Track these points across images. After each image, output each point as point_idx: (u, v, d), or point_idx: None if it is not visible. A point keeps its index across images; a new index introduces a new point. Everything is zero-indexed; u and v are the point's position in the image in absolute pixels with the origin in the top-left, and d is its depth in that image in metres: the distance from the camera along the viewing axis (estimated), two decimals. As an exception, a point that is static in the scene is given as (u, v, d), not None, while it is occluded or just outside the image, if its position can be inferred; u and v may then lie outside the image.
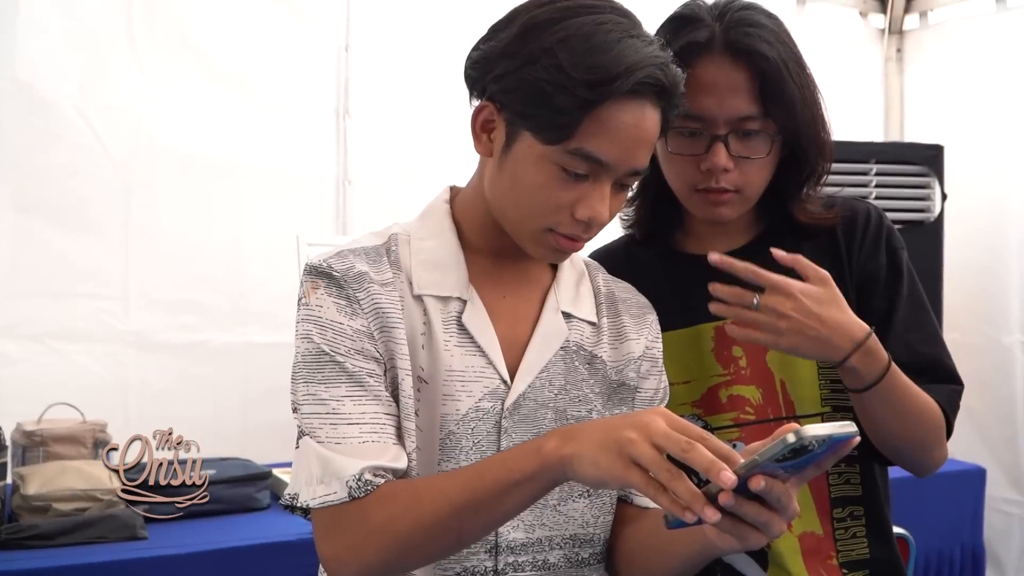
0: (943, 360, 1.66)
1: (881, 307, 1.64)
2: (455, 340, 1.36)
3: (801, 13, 4.46)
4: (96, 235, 3.10)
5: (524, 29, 1.27)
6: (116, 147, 3.12)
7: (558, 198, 1.29)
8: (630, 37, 1.25)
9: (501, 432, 1.36)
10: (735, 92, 1.52)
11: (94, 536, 2.38)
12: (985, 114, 4.33)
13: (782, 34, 1.57)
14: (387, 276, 1.35)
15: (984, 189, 4.27)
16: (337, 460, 1.27)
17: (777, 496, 1.09)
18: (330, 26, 3.48)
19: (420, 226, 1.43)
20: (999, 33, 4.31)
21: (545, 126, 1.26)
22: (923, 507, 3.34)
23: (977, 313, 4.29)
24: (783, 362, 1.63)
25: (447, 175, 3.50)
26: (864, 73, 4.67)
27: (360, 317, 1.32)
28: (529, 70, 1.25)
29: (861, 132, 4.40)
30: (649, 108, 1.27)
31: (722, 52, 1.52)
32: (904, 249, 1.69)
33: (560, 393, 1.41)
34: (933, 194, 3.95)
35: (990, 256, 4.27)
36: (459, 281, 1.38)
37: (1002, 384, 4.22)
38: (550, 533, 1.39)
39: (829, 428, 1.05)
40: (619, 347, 1.49)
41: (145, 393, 3.10)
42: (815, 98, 1.60)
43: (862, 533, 1.67)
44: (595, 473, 1.13)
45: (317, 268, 1.35)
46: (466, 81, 1.37)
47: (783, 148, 1.60)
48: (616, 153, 1.27)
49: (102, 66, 3.12)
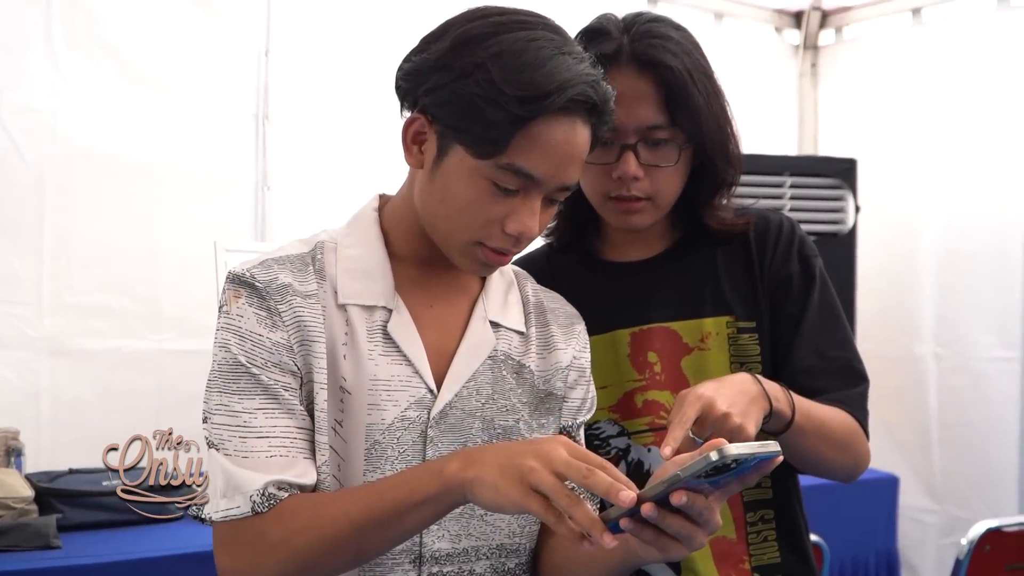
0: (852, 363, 1.72)
1: (793, 312, 1.70)
2: (380, 349, 1.36)
3: (718, 28, 4.54)
4: (9, 238, 3.06)
5: (457, 42, 1.29)
6: (30, 149, 3.09)
7: (489, 212, 1.31)
8: (562, 54, 1.27)
9: (427, 441, 1.36)
10: (642, 102, 1.57)
11: (6, 545, 2.37)
12: (898, 129, 4.43)
13: (689, 45, 1.62)
14: (311, 287, 1.35)
15: (897, 202, 4.37)
16: (241, 474, 1.27)
17: (699, 510, 1.12)
18: (250, 30, 3.47)
19: (347, 234, 1.43)
20: (914, 49, 4.42)
21: (477, 141, 1.27)
22: (837, 514, 3.40)
23: (890, 324, 4.37)
24: (698, 368, 1.67)
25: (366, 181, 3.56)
26: (779, 88, 4.75)
27: (280, 329, 1.32)
28: (461, 84, 1.26)
29: (776, 145, 4.48)
30: (580, 125, 1.29)
31: (628, 63, 1.57)
32: (817, 257, 1.74)
33: (487, 402, 1.41)
34: (847, 206, 4.07)
35: (903, 267, 4.36)
36: (384, 290, 1.38)
37: (915, 394, 4.31)
38: (476, 543, 1.39)
39: (753, 447, 1.07)
40: (547, 357, 1.50)
41: (58, 400, 3.07)
42: (722, 108, 1.65)
43: (773, 537, 1.70)
44: (494, 498, 1.15)
45: (240, 277, 1.34)
46: (397, 92, 1.37)
47: (693, 158, 1.64)
48: (547, 169, 1.28)
49: (17, 66, 3.09)
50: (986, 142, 4.13)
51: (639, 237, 1.72)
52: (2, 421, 2.76)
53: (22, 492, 2.51)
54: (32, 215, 3.11)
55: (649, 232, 1.71)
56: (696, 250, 1.73)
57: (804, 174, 4.07)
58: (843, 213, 4.10)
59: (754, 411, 1.44)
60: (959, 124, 4.22)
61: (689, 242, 1.74)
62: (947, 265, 4.25)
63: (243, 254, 2.44)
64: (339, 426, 1.34)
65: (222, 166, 3.44)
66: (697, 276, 1.71)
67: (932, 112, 4.31)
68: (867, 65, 4.63)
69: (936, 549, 4.27)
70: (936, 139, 4.29)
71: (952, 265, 4.23)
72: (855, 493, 3.53)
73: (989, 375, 4.10)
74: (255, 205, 3.50)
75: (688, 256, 1.73)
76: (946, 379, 4.25)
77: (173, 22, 3.35)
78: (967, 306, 4.19)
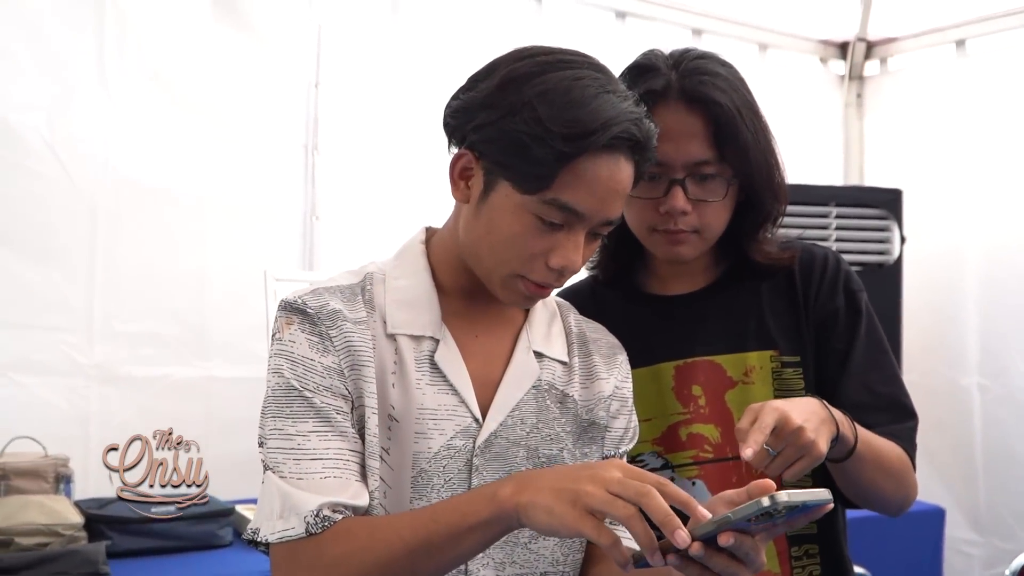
0: (900, 399, 1.70)
1: (840, 347, 1.68)
2: (427, 378, 1.37)
3: (763, 59, 4.54)
4: (60, 266, 3.08)
5: (504, 81, 1.30)
6: (82, 178, 3.10)
7: (533, 246, 1.32)
8: (606, 92, 1.28)
9: (472, 470, 1.37)
10: (691, 138, 1.56)
11: (56, 571, 2.37)
12: (943, 159, 4.39)
13: (736, 82, 1.62)
14: (361, 315, 1.36)
15: (942, 233, 4.33)
16: (296, 495, 1.28)
17: (746, 551, 1.11)
18: (301, 62, 3.50)
19: (395, 266, 1.45)
20: (958, 79, 4.38)
21: (523, 176, 1.28)
22: (883, 546, 3.37)
23: (935, 355, 4.33)
24: (742, 402, 1.65)
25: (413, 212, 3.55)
26: (825, 118, 4.73)
27: (332, 354, 1.33)
28: (508, 121, 1.28)
29: (821, 176, 4.43)
30: (623, 161, 1.30)
31: (677, 99, 1.57)
32: (863, 291, 1.73)
33: (532, 431, 1.42)
34: (892, 237, 4.01)
35: (948, 298, 4.32)
36: (432, 320, 1.39)
37: (960, 425, 4.25)
38: (520, 571, 1.39)
39: (803, 495, 1.07)
40: (590, 386, 1.50)
41: (107, 426, 3.06)
42: (769, 143, 1.64)
43: (817, 572, 1.69)
44: (548, 521, 1.14)
45: (292, 304, 1.36)
46: (445, 129, 1.39)
47: (740, 191, 1.63)
48: (591, 204, 1.29)
49: (69, 97, 3.10)
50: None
51: (684, 270, 1.72)
52: (52, 448, 2.76)
53: (71, 519, 2.53)
54: (83, 243, 3.12)
55: (694, 265, 1.71)
56: (740, 284, 1.72)
57: (850, 204, 4.02)
58: (888, 244, 4.04)
59: (824, 431, 1.43)
60: (1004, 155, 4.18)
61: (733, 276, 1.73)
62: (992, 296, 4.21)
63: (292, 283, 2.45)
64: (387, 453, 1.35)
65: (272, 195, 3.46)
66: (741, 310, 1.71)
67: (977, 143, 4.27)
68: (912, 96, 4.61)
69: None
70: (981, 170, 4.26)
71: (997, 296, 4.19)
72: (902, 525, 3.49)
73: (1035, 407, 4.06)
74: (304, 234, 3.51)
75: (732, 290, 1.72)
76: (991, 410, 4.19)
77: (224, 53, 3.37)
78: (1012, 338, 4.14)
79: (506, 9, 3.89)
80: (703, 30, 4.33)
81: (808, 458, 1.39)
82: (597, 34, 4.04)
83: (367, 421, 1.33)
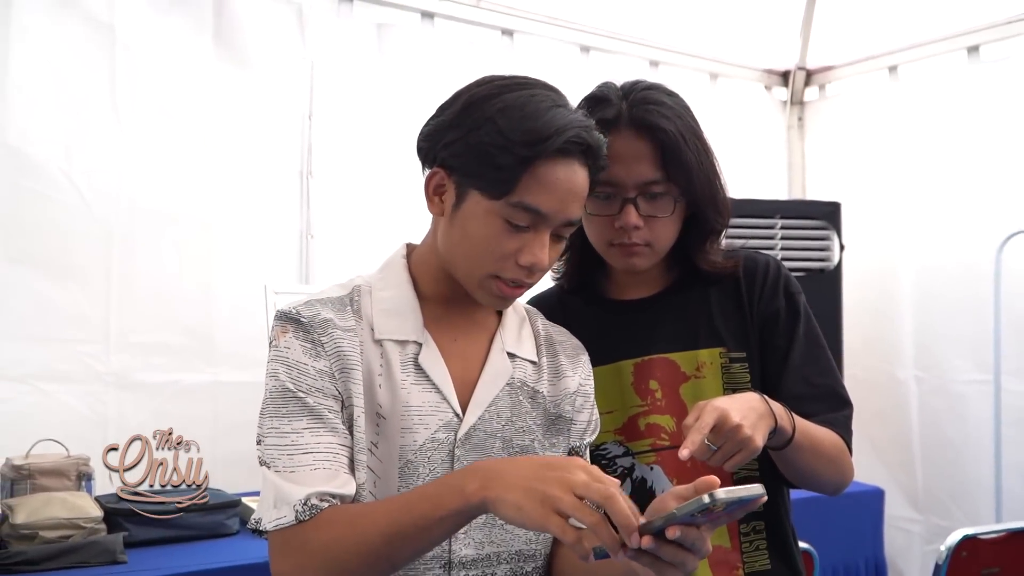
0: (836, 389, 1.73)
1: (781, 344, 1.71)
2: (412, 379, 1.39)
3: (714, 87, 4.56)
4: (79, 284, 3.09)
5: (467, 104, 1.36)
6: (98, 204, 3.11)
7: (504, 247, 1.35)
8: (558, 107, 1.34)
9: (454, 460, 1.39)
10: (640, 160, 1.60)
11: (77, 561, 2.37)
12: (878, 174, 4.42)
13: (680, 110, 1.65)
14: (350, 323, 1.39)
15: (878, 240, 4.36)
16: (287, 487, 1.30)
17: (692, 540, 1.14)
18: (295, 95, 3.51)
19: (380, 278, 1.47)
20: (890, 102, 4.41)
21: (490, 183, 1.32)
22: (828, 524, 3.36)
23: (874, 351, 4.35)
24: (695, 395, 1.68)
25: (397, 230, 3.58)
26: (769, 139, 4.76)
27: (323, 359, 1.35)
28: (474, 136, 1.33)
29: (767, 191, 4.49)
30: (577, 166, 1.35)
31: (627, 127, 1.61)
32: (801, 294, 1.76)
33: (506, 424, 1.45)
34: (832, 245, 4.04)
35: (884, 300, 4.34)
36: (415, 327, 1.42)
37: (898, 414, 4.28)
38: (498, 549, 1.42)
39: (740, 491, 1.12)
40: (557, 383, 1.53)
41: (123, 428, 2.99)
42: (712, 164, 1.67)
43: (764, 546, 1.71)
44: (516, 516, 1.16)
45: (287, 314, 1.39)
46: (418, 153, 1.43)
47: (687, 208, 1.67)
48: (552, 204, 1.34)
49: (86, 130, 3.11)
50: (958, 186, 4.11)
51: (640, 278, 1.75)
52: (74, 449, 2.76)
53: (91, 513, 2.52)
54: (100, 264, 3.14)
55: (648, 273, 1.74)
56: (691, 289, 1.75)
57: (793, 216, 4.05)
58: (829, 251, 4.07)
59: (762, 426, 1.46)
60: (933, 169, 4.21)
61: (684, 282, 1.76)
62: (924, 297, 4.23)
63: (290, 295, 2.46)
64: (375, 448, 1.37)
65: (270, 217, 3.48)
66: (692, 312, 1.73)
67: (909, 159, 4.31)
68: (849, 118, 4.63)
69: (921, 555, 4.22)
70: (913, 183, 4.28)
71: (929, 296, 4.21)
72: (844, 504, 3.52)
73: (965, 396, 4.07)
74: (300, 252, 3.53)
75: (684, 294, 1.75)
76: (926, 400, 4.22)
77: (225, 89, 3.39)
78: (943, 335, 4.17)
79: (480, 45, 3.92)
80: (659, 61, 4.35)
81: (745, 451, 1.42)
82: (564, 66, 4.07)
83: (356, 419, 1.35)
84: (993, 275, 3.85)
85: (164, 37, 3.27)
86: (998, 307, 3.86)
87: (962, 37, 4.12)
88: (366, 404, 1.37)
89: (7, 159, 2.98)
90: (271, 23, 3.49)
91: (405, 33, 3.74)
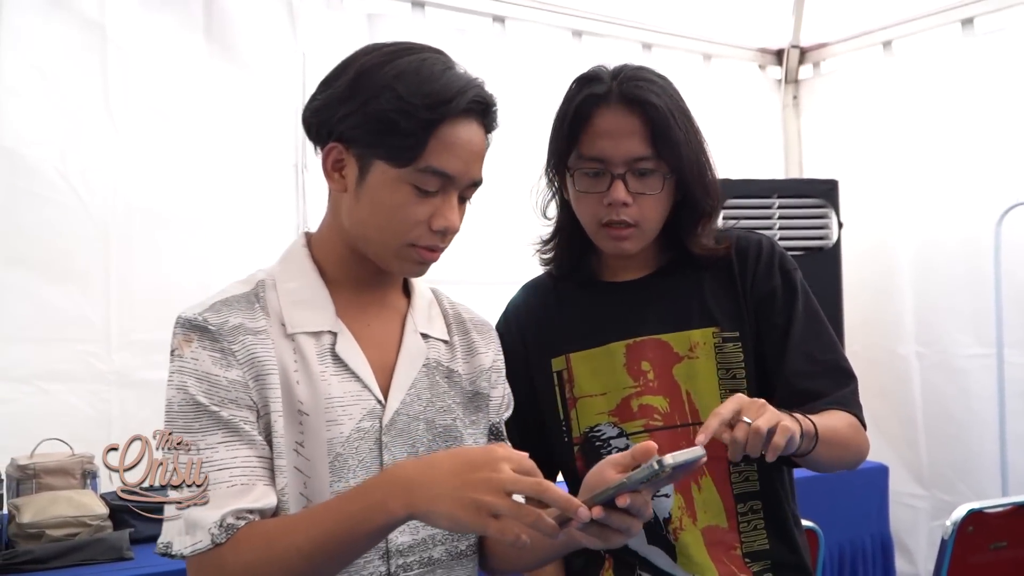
0: (840, 363, 1.71)
1: (780, 322, 1.70)
2: (331, 370, 1.36)
3: (708, 68, 4.57)
4: (78, 285, 3.10)
5: (359, 73, 1.33)
6: (95, 205, 3.12)
7: (415, 214, 1.33)
8: (450, 68, 1.34)
9: (382, 448, 1.37)
10: (629, 136, 1.60)
11: (84, 558, 2.40)
12: (874, 151, 4.43)
13: (669, 89, 1.65)
14: (260, 323, 1.34)
15: (876, 217, 4.37)
16: (199, 511, 1.25)
17: (638, 507, 1.17)
18: (287, 89, 3.50)
19: (282, 270, 1.43)
20: (885, 78, 4.42)
21: (396, 150, 1.30)
22: (833, 502, 3.38)
23: (874, 328, 4.36)
24: (688, 375, 1.68)
25: None
26: (765, 119, 4.77)
27: (235, 368, 1.30)
28: (373, 105, 1.30)
29: (764, 171, 4.48)
30: (476, 126, 1.34)
31: (617, 102, 1.60)
32: (797, 270, 1.74)
33: (428, 406, 1.43)
34: (830, 223, 4.07)
35: (883, 276, 4.36)
36: (327, 316, 1.38)
37: (901, 390, 4.30)
38: (432, 532, 1.40)
39: (684, 455, 1.15)
40: (471, 360, 1.53)
41: (127, 426, 3.06)
42: (701, 144, 1.67)
43: (762, 526, 1.70)
44: (452, 526, 1.18)
45: (192, 322, 1.33)
46: (307, 131, 1.41)
47: (676, 190, 1.66)
48: (459, 166, 1.33)
49: (80, 131, 3.12)
50: (955, 160, 4.13)
51: (631, 260, 1.74)
52: (78, 447, 2.78)
53: (97, 510, 2.55)
54: (99, 263, 3.15)
55: (640, 255, 1.73)
56: (683, 270, 1.74)
57: (791, 195, 4.08)
58: (827, 229, 4.10)
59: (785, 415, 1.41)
60: (930, 143, 4.22)
61: (676, 263, 1.75)
62: (924, 272, 4.25)
63: None
64: (301, 447, 1.33)
65: (267, 211, 3.47)
66: (685, 293, 1.72)
67: (905, 134, 4.32)
68: (844, 95, 4.64)
69: (927, 531, 4.24)
70: (910, 158, 4.30)
71: (929, 272, 4.23)
72: (849, 482, 3.54)
73: (967, 371, 4.09)
74: (297, 245, 3.49)
75: (676, 276, 1.74)
76: (928, 376, 4.24)
77: (218, 84, 3.39)
78: (943, 308, 4.18)
79: (472, 32, 3.92)
80: (652, 44, 4.35)
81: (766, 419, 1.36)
82: (556, 51, 4.07)
83: (274, 425, 1.31)
84: (993, 248, 3.86)
85: (155, 35, 3.28)
86: (999, 280, 3.86)
87: (956, 10, 4.13)
88: (285, 405, 1.32)
89: (2, 161, 3.00)
90: (261, 17, 3.49)
91: (396, 23, 3.74)
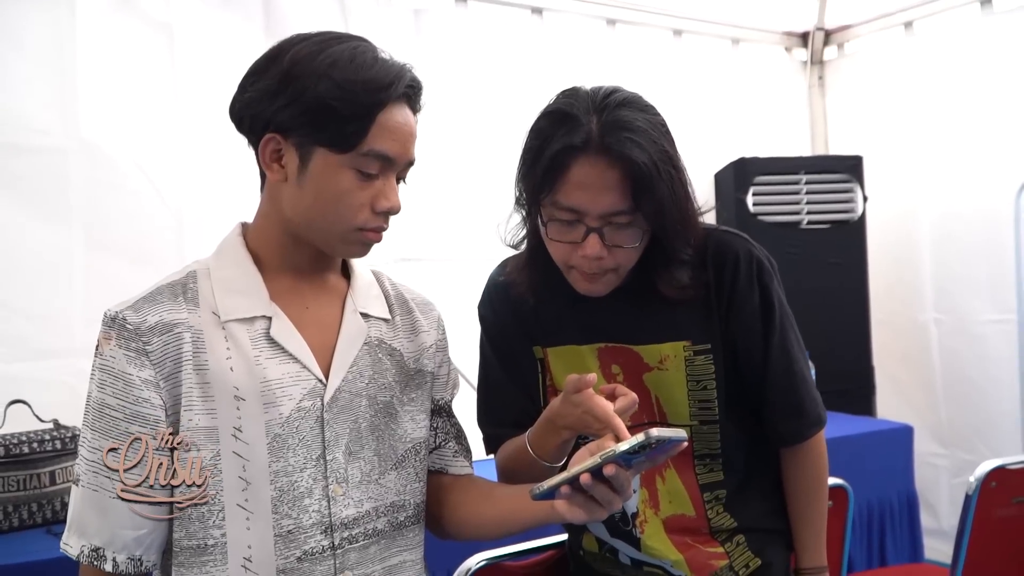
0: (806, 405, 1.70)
1: (758, 346, 1.65)
2: (266, 354, 1.35)
3: (736, 52, 4.61)
4: (155, 268, 2.99)
5: (293, 63, 1.32)
6: (170, 193, 3.22)
7: (359, 197, 1.34)
8: (380, 56, 1.35)
9: (324, 425, 1.37)
10: (608, 190, 1.46)
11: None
12: (897, 127, 4.48)
13: (655, 132, 1.48)
14: (182, 315, 1.34)
15: (899, 191, 4.43)
16: (85, 516, 1.30)
17: (621, 481, 1.24)
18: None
19: (217, 260, 1.43)
20: (907, 58, 4.47)
21: (337, 137, 1.31)
22: (861, 461, 3.45)
23: (897, 297, 4.43)
24: (657, 384, 1.65)
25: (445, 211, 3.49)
26: (792, 99, 4.81)
27: (148, 368, 1.30)
28: (311, 93, 1.29)
29: (791, 148, 4.56)
30: (407, 109, 1.37)
31: (597, 153, 1.45)
32: (774, 279, 1.66)
33: (370, 382, 1.44)
34: (856, 197, 4.17)
35: (906, 248, 4.42)
36: (260, 301, 1.38)
37: (921, 355, 4.38)
38: (375, 504, 1.42)
39: (670, 432, 1.22)
40: (414, 339, 1.53)
41: None
42: (685, 192, 1.53)
43: (723, 511, 1.71)
44: None
45: (113, 320, 1.33)
46: (238, 124, 1.40)
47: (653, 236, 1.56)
48: (397, 149, 1.34)
49: (152, 124, 3.20)
50: (975, 135, 4.17)
51: None
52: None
53: None
54: (172, 248, 3.21)
55: None
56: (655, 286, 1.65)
57: (817, 171, 4.15)
58: (853, 203, 4.18)
59: None
60: (951, 120, 4.27)
61: None
62: (943, 243, 4.30)
63: None
64: (239, 432, 1.32)
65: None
66: (657, 306, 1.63)
67: (927, 111, 4.36)
68: (867, 75, 4.67)
69: (948, 488, 4.32)
70: (931, 135, 4.34)
71: (947, 243, 4.29)
72: (876, 442, 3.61)
73: (985, 336, 4.16)
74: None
75: (648, 287, 1.63)
76: (946, 341, 4.31)
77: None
78: (961, 277, 4.24)
79: (511, 24, 3.98)
80: (683, 30, 4.40)
81: None
82: (591, 39, 4.13)
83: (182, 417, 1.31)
84: (1013, 220, 3.95)
85: (218, 32, 3.35)
86: (1019, 249, 3.95)
87: (975, -10, 4.16)
88: (219, 393, 1.32)
89: (82, 153, 3.08)
90: (315, 13, 3.56)
91: (440, 17, 3.81)
